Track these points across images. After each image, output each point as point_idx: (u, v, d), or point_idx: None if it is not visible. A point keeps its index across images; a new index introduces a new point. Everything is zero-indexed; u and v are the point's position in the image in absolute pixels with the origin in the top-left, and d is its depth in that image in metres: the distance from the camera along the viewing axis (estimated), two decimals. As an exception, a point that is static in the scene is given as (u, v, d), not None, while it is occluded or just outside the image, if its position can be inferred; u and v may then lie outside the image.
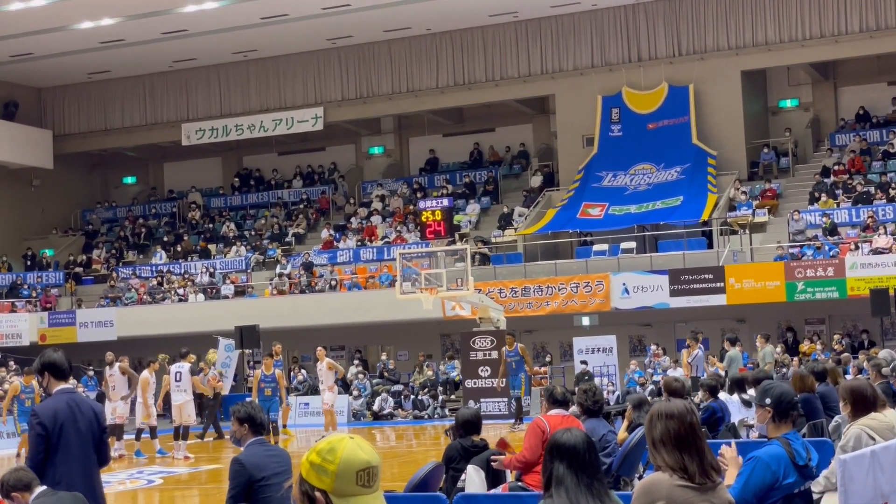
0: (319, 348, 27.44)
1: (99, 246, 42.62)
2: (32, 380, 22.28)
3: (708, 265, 31.27)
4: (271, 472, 8.22)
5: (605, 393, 23.11)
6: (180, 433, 22.64)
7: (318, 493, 3.36)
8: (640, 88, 36.56)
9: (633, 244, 33.40)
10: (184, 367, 23.01)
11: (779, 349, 29.25)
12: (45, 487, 7.32)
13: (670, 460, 5.14)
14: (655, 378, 28.40)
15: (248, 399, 8.96)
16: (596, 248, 33.98)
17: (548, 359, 33.19)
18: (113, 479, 19.14)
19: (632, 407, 11.97)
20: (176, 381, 22.95)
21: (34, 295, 38.75)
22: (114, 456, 22.44)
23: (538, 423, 9.77)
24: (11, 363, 33.68)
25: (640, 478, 10.44)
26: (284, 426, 27.20)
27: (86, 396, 9.15)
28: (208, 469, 20.79)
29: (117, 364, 23.28)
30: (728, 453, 6.36)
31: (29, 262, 41.12)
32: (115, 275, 39.39)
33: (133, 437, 23.63)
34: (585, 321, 33.17)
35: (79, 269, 41.05)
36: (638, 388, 27.59)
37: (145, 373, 23.15)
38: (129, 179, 47.09)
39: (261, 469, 8.16)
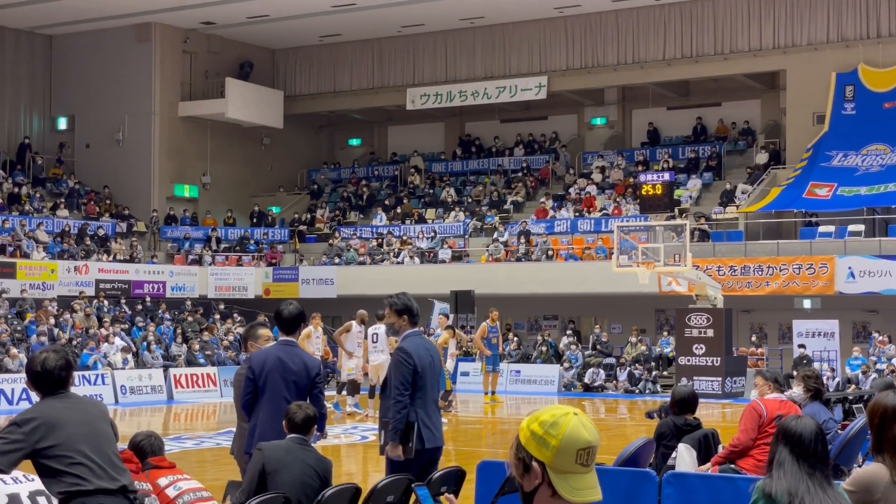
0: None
1: (322, 205, 43.76)
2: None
3: (941, 252, 29.91)
4: (428, 364, 8.44)
5: (824, 379, 22.45)
6: (376, 393, 22.90)
7: (535, 464, 3.34)
8: (878, 66, 35.14)
9: (861, 227, 32.25)
10: (380, 328, 23.12)
11: None
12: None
13: None
14: (879, 366, 27.43)
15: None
16: (822, 229, 32.96)
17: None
18: (329, 433, 19.69)
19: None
20: (373, 342, 23.23)
21: (260, 250, 40.09)
22: (348, 411, 23.04)
23: (755, 406, 9.53)
24: (236, 315, 35.01)
25: (860, 467, 10.09)
26: (493, 392, 27.41)
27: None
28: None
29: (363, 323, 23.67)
30: None
31: (255, 219, 42.55)
32: (336, 234, 40.37)
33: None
34: (807, 304, 32.24)
35: (303, 227, 42.25)
36: (860, 375, 26.72)
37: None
38: (354, 141, 48.15)
39: (421, 359, 8.37)
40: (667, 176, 35.00)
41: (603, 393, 30.57)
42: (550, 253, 35.67)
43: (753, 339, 32.12)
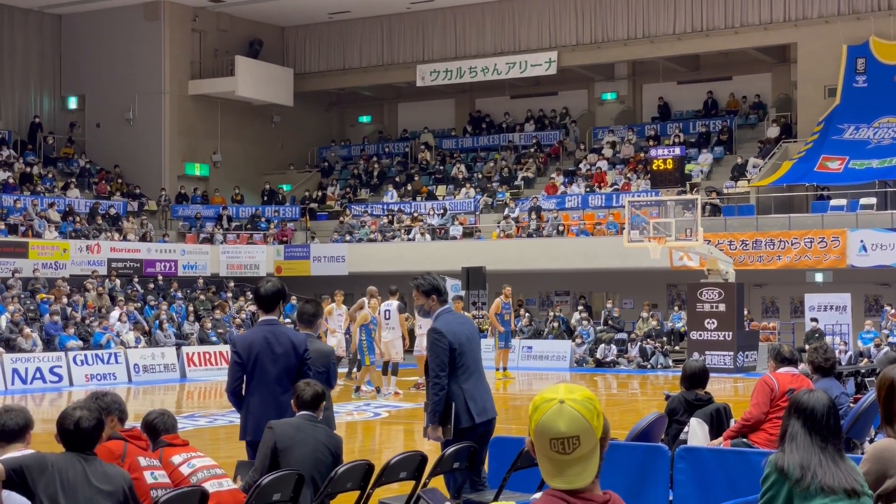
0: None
1: (333, 183, 43.76)
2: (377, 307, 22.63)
3: (954, 225, 29.80)
4: (465, 338, 8.38)
5: (836, 352, 22.43)
6: (389, 369, 22.83)
7: (528, 438, 3.45)
8: (889, 38, 34.96)
9: (873, 200, 32.14)
10: (392, 304, 22.98)
11: None
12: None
13: None
14: (892, 339, 27.40)
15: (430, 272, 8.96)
16: (833, 202, 32.86)
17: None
18: (341, 411, 19.76)
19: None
20: (385, 318, 23.14)
21: (271, 228, 40.11)
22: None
23: (767, 381, 9.51)
24: (249, 293, 35.04)
25: (871, 441, 10.09)
26: (505, 368, 27.46)
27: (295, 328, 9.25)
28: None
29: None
30: None
31: (266, 197, 42.56)
32: (347, 211, 40.37)
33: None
34: (818, 278, 32.18)
35: (314, 205, 42.25)
36: (873, 348, 26.69)
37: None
38: (365, 119, 48.09)
39: (457, 335, 8.30)
40: (678, 150, 34.91)
41: (615, 368, 30.59)
42: (561, 228, 35.64)
43: (746, 313, 31.78)
